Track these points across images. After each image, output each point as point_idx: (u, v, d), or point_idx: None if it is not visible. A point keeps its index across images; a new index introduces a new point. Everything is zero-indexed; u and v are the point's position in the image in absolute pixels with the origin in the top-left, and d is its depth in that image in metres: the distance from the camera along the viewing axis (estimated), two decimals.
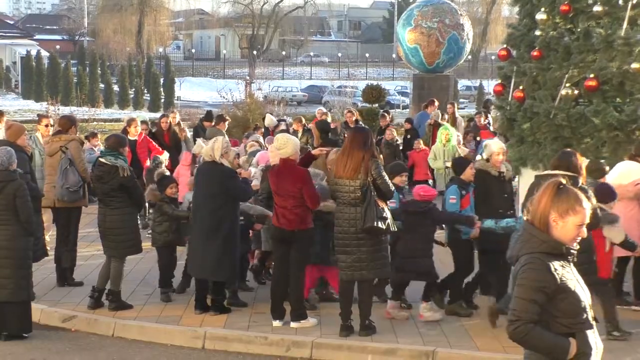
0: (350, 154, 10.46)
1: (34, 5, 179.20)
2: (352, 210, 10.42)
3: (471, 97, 72.27)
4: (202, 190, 11.44)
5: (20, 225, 10.64)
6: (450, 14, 31.48)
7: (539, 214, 5.41)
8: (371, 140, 10.63)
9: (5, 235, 10.67)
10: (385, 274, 10.85)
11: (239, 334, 10.77)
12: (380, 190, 10.41)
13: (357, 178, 10.35)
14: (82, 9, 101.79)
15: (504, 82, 17.47)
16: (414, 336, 10.58)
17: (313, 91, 74.86)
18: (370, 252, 10.44)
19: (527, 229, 5.44)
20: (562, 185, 5.51)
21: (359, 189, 10.34)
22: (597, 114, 15.04)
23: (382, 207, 10.41)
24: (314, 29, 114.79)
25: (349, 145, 10.61)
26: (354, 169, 10.38)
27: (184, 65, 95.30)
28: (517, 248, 5.44)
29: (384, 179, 10.44)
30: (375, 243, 10.48)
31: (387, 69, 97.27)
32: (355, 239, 10.43)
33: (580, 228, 5.45)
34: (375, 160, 10.49)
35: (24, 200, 10.64)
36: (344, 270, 10.62)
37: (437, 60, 31.06)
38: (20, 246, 10.71)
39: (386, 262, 10.67)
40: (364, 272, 10.49)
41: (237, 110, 34.53)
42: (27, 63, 75.15)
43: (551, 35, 16.04)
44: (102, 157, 11.87)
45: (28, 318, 10.90)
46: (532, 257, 5.33)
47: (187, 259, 11.95)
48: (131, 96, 67.69)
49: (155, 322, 11.25)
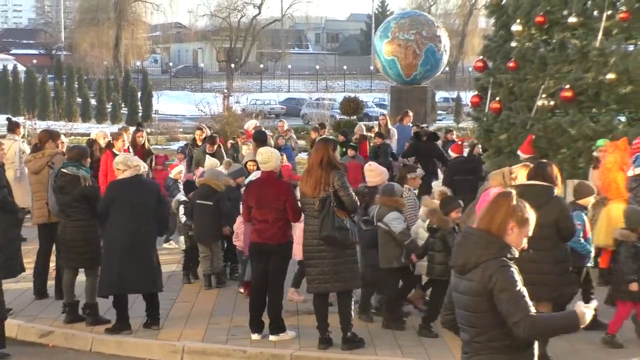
0: (310, 172, 10.54)
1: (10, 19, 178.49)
2: (314, 222, 10.45)
3: (449, 108, 72.35)
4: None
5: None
6: (427, 26, 31.59)
7: (497, 222, 5.61)
8: (328, 154, 10.54)
9: None
10: (350, 286, 10.74)
11: (218, 348, 10.74)
12: (341, 202, 10.41)
13: (319, 195, 10.38)
14: (59, 23, 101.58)
15: (480, 93, 17.56)
16: (392, 348, 10.58)
17: (291, 104, 74.79)
18: (333, 265, 10.41)
19: (483, 236, 5.60)
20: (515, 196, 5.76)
21: (319, 200, 10.37)
22: (573, 124, 15.14)
23: (342, 218, 10.38)
24: (291, 41, 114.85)
25: (309, 163, 10.74)
26: (312, 186, 10.44)
27: (162, 78, 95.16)
28: (476, 255, 5.54)
29: (347, 191, 10.42)
30: (339, 255, 10.44)
31: (365, 81, 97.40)
32: (318, 250, 10.45)
33: (526, 236, 5.71)
34: (337, 171, 10.49)
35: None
36: (310, 283, 10.66)
37: (414, 72, 31.16)
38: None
39: (352, 274, 10.59)
40: (328, 285, 10.48)
41: (215, 124, 34.51)
42: (4, 78, 74.73)
43: (527, 46, 16.16)
44: (64, 168, 11.85)
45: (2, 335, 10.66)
46: (501, 261, 5.51)
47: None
48: (109, 110, 67.43)
49: (133, 337, 11.20)
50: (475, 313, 5.54)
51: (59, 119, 51.05)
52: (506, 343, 5.53)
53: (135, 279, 11.09)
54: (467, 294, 5.56)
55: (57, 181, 11.89)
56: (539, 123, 15.57)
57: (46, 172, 12.92)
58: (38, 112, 58.66)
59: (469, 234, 5.71)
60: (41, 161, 13.18)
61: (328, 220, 10.27)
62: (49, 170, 12.96)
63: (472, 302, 5.54)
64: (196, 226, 13.81)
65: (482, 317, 5.52)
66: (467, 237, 5.68)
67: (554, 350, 10.11)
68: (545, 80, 15.89)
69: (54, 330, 11.50)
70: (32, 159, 13.42)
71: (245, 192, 11.40)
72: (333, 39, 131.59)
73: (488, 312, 5.50)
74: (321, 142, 10.98)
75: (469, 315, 5.57)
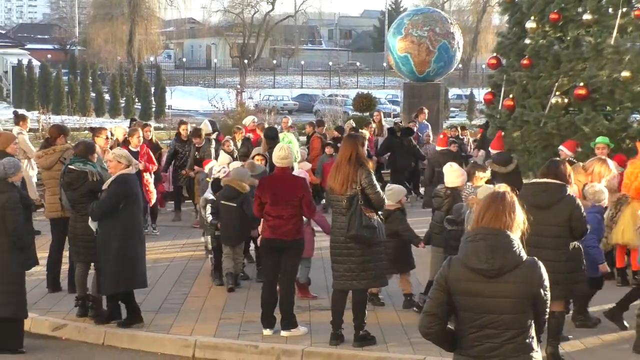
0: (339, 168, 10.47)
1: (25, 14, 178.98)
2: (342, 219, 10.41)
3: (462, 105, 72.27)
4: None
5: (8, 238, 10.47)
6: (440, 22, 31.50)
7: (510, 221, 5.61)
8: (357, 150, 10.49)
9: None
10: (377, 284, 10.82)
11: (229, 343, 10.76)
12: (369, 199, 10.41)
13: (346, 192, 10.36)
14: (73, 18, 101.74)
15: (494, 90, 17.54)
16: (404, 345, 10.57)
17: (304, 100, 74.78)
18: (360, 262, 10.39)
19: (509, 236, 5.57)
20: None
21: (346, 198, 10.35)
22: (587, 122, 15.11)
23: (369, 216, 10.37)
24: (304, 37, 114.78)
25: (337, 159, 10.65)
26: (340, 183, 10.39)
27: (175, 74, 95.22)
28: (513, 256, 5.52)
29: (374, 189, 10.38)
30: (366, 253, 10.42)
31: (378, 77, 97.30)
32: (345, 248, 10.41)
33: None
34: (365, 169, 10.44)
35: (12, 213, 10.44)
36: (336, 279, 10.61)
37: (427, 69, 31.06)
38: (6, 261, 10.51)
39: (379, 272, 10.58)
40: (354, 282, 10.46)
41: (227, 119, 34.54)
42: (19, 72, 74.97)
43: (541, 43, 16.12)
44: (71, 164, 11.86)
45: (13, 336, 10.66)
46: (536, 260, 5.58)
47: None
48: (122, 105, 67.49)
49: (145, 331, 11.22)
50: (516, 314, 5.51)
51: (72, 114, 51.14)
52: (534, 339, 5.59)
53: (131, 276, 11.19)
54: (505, 297, 5.50)
55: (64, 177, 11.90)
56: (552, 121, 15.54)
57: (59, 168, 12.92)
58: (52, 106, 59.04)
59: (495, 234, 5.57)
60: (53, 157, 13.19)
61: (355, 219, 10.24)
62: (61, 165, 12.97)
63: (515, 303, 5.50)
64: (222, 227, 13.47)
65: (523, 318, 5.53)
66: (497, 238, 5.56)
67: (566, 348, 10.10)
68: (559, 78, 15.86)
69: (67, 323, 11.54)
70: (43, 154, 13.41)
71: (259, 188, 11.36)
72: (346, 35, 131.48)
73: (528, 311, 5.53)
74: (350, 138, 10.96)
75: (508, 318, 5.51)
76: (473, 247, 5.60)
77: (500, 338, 5.52)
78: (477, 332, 5.59)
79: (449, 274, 5.67)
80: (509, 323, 5.51)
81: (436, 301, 5.67)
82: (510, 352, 5.52)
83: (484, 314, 5.55)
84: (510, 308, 5.50)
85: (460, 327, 5.68)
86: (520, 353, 5.52)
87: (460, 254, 5.68)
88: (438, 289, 5.68)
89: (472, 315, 5.59)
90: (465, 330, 5.64)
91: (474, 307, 5.58)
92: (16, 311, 10.63)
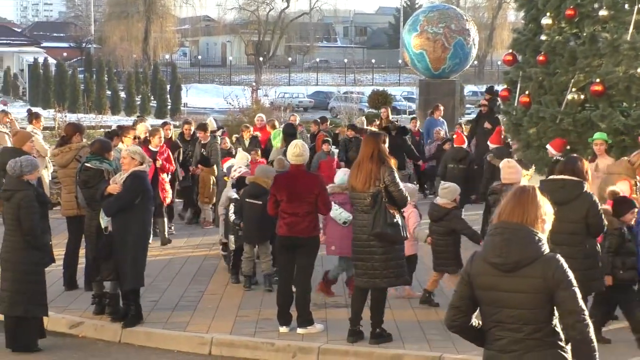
0: (361, 166, 10.44)
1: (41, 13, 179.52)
2: (364, 217, 10.39)
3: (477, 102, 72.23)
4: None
5: (23, 237, 10.45)
6: (456, 19, 31.45)
7: (532, 216, 5.58)
8: (379, 147, 10.46)
9: (7, 246, 10.58)
10: (399, 282, 10.79)
11: (246, 340, 10.78)
12: (392, 197, 10.40)
13: (369, 190, 10.34)
14: (88, 16, 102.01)
15: (509, 87, 17.49)
16: (420, 342, 10.56)
17: (319, 97, 74.88)
18: (382, 260, 10.38)
19: (528, 230, 5.54)
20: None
21: (370, 195, 10.34)
22: (604, 118, 15.03)
23: (393, 214, 10.36)
24: (320, 35, 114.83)
25: (359, 157, 10.62)
26: (363, 181, 10.37)
27: (191, 71, 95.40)
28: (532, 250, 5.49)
29: (397, 186, 10.36)
30: (388, 251, 10.41)
31: (393, 74, 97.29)
32: (368, 246, 10.40)
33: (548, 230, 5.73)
34: (387, 167, 10.42)
35: (28, 212, 10.41)
36: (359, 277, 10.59)
37: (443, 65, 31.02)
38: (20, 259, 10.49)
39: (401, 270, 10.59)
40: (377, 280, 10.43)
41: (243, 117, 34.57)
42: (35, 70, 75.31)
43: (557, 40, 16.05)
44: (88, 162, 11.88)
45: (28, 334, 10.65)
46: (556, 255, 5.55)
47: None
48: (138, 103, 67.70)
49: (161, 328, 11.25)
50: (534, 309, 5.48)
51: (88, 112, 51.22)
52: (560, 337, 5.54)
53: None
54: (522, 291, 5.48)
55: (80, 175, 11.92)
56: (568, 117, 15.47)
57: (74, 166, 12.95)
58: (68, 104, 59.14)
59: (513, 229, 5.55)
60: (69, 154, 13.22)
61: (380, 217, 10.23)
62: (76, 163, 12.99)
63: (530, 298, 5.48)
64: (244, 225, 13.22)
65: (541, 313, 5.49)
66: (514, 232, 5.54)
67: None
68: (575, 74, 15.79)
69: (83, 321, 11.58)
70: (59, 152, 13.43)
71: (274, 185, 11.35)
72: (361, 32, 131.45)
73: (547, 307, 5.49)
74: (371, 135, 10.96)
75: (524, 313, 5.48)
76: (491, 241, 5.61)
77: (520, 333, 5.50)
78: (497, 326, 5.59)
79: (471, 268, 5.69)
80: (527, 318, 5.48)
81: (460, 294, 5.72)
82: (531, 348, 5.49)
83: (502, 308, 5.54)
84: (527, 303, 5.48)
85: (484, 322, 5.70)
86: (542, 349, 5.49)
87: (482, 248, 5.69)
88: (462, 282, 5.73)
89: (491, 309, 5.60)
90: (487, 324, 5.66)
91: (492, 301, 5.58)
92: (27, 310, 10.55)
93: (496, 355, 5.62)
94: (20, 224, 10.43)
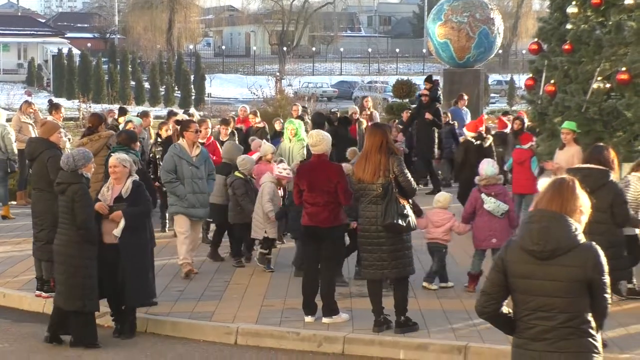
0: (369, 158, 10.43)
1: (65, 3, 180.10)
2: (373, 208, 10.39)
3: (502, 91, 72.01)
4: None
5: (77, 231, 10.35)
6: (480, 8, 31.33)
7: (570, 205, 5.59)
8: (387, 138, 10.48)
9: (61, 239, 10.47)
10: (407, 272, 10.70)
11: (271, 330, 10.80)
12: (401, 187, 10.39)
13: (378, 181, 10.34)
14: (112, 6, 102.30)
15: (535, 76, 17.45)
16: (445, 331, 10.57)
17: (343, 87, 74.86)
18: (391, 251, 10.40)
19: (565, 219, 5.55)
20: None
21: (380, 186, 10.33)
22: (629, 107, 14.98)
23: (403, 204, 10.38)
24: (343, 24, 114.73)
25: (366, 148, 10.60)
26: (372, 172, 10.37)
27: (214, 62, 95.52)
28: (569, 238, 5.51)
29: (406, 176, 10.39)
30: (397, 242, 10.43)
31: (418, 64, 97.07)
32: (377, 237, 10.40)
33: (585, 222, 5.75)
34: (396, 157, 10.44)
35: (81, 205, 10.32)
36: (367, 269, 10.62)
37: (467, 54, 30.93)
38: (74, 253, 10.38)
39: (409, 260, 10.59)
40: (385, 271, 10.46)
41: (267, 107, 34.61)
42: (59, 61, 75.69)
43: (582, 28, 15.99)
44: (114, 152, 11.88)
45: (84, 329, 10.51)
46: (594, 245, 5.56)
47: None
48: (162, 93, 67.95)
49: (187, 318, 11.29)
50: (569, 298, 5.49)
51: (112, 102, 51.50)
52: (592, 325, 5.56)
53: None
54: (559, 279, 5.48)
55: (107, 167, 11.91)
56: (594, 106, 15.42)
57: (104, 154, 12.98)
58: (92, 95, 59.41)
59: (550, 217, 5.55)
60: (99, 143, 13.28)
61: (391, 207, 10.24)
62: (107, 151, 13.03)
63: (567, 286, 5.48)
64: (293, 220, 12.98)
65: (575, 302, 5.51)
66: (552, 220, 5.54)
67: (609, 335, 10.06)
68: (600, 63, 15.72)
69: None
70: (88, 141, 13.49)
71: (297, 175, 11.37)
72: (385, 21, 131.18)
73: (584, 295, 5.51)
74: (377, 126, 10.93)
75: (560, 301, 5.49)
76: (528, 228, 5.61)
77: (553, 321, 5.51)
78: (530, 314, 5.59)
79: (506, 255, 5.70)
80: (562, 307, 5.50)
81: (492, 281, 5.73)
82: (564, 336, 5.50)
83: (536, 297, 5.55)
84: (563, 291, 5.49)
85: (516, 310, 5.69)
86: (574, 337, 5.50)
87: (518, 236, 5.69)
88: (495, 269, 5.73)
89: (525, 297, 5.60)
90: (520, 312, 5.66)
91: (526, 289, 5.58)
92: (85, 305, 10.44)
93: (527, 343, 5.61)
94: (75, 217, 10.34)
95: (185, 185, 13.07)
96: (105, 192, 10.79)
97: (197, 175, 13.18)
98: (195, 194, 13.13)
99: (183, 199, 13.01)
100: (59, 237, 10.58)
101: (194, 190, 13.12)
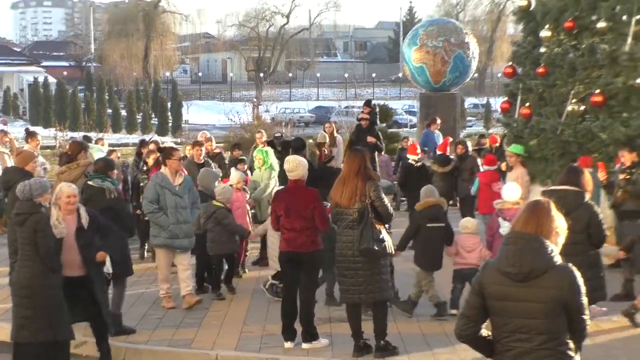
0: (346, 182, 10.45)
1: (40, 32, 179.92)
2: (350, 233, 10.40)
3: (479, 114, 72.33)
4: None
5: (41, 261, 10.10)
6: (455, 32, 31.48)
7: (546, 227, 5.61)
8: (365, 163, 10.50)
9: (25, 272, 10.12)
10: (384, 297, 10.65)
11: (251, 356, 10.78)
12: (378, 212, 10.42)
13: (354, 205, 10.36)
14: (88, 35, 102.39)
15: (510, 99, 17.56)
16: (426, 355, 10.57)
17: (320, 112, 74.91)
18: (367, 276, 10.38)
19: (541, 240, 5.57)
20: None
21: (357, 211, 10.36)
22: (604, 129, 15.10)
23: (379, 229, 10.40)
24: (320, 50, 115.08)
25: (344, 172, 10.62)
26: (349, 197, 10.39)
27: (191, 88, 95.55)
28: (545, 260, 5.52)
29: (383, 202, 10.41)
30: (374, 266, 10.42)
31: (394, 88, 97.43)
32: (353, 262, 10.40)
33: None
34: (373, 182, 10.47)
35: (44, 234, 10.07)
36: (344, 293, 10.63)
37: (443, 78, 31.05)
38: (40, 283, 10.07)
39: (385, 285, 10.56)
40: (362, 295, 10.45)
41: (244, 133, 34.65)
42: (35, 90, 75.43)
43: (556, 51, 16.13)
44: (90, 180, 11.86)
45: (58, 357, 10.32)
46: (569, 266, 5.58)
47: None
48: (139, 121, 67.79)
49: (166, 346, 11.24)
50: (547, 319, 5.51)
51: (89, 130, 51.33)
52: (570, 347, 5.59)
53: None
54: (536, 301, 5.50)
55: (83, 194, 11.82)
56: (569, 128, 15.53)
57: (82, 181, 12.95)
58: (69, 123, 59.30)
59: (526, 239, 5.58)
60: (77, 171, 13.22)
61: (367, 233, 10.26)
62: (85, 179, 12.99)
63: (544, 308, 5.50)
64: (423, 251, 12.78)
65: (553, 323, 5.52)
66: (528, 242, 5.57)
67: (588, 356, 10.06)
68: (575, 86, 15.85)
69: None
70: (66, 169, 13.41)
71: (274, 201, 11.38)
72: (361, 47, 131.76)
73: (561, 316, 5.53)
74: (356, 152, 10.94)
75: (538, 323, 5.51)
76: (505, 250, 5.65)
77: (531, 343, 5.53)
78: (509, 337, 5.60)
79: (483, 277, 5.73)
80: (540, 328, 5.51)
81: (470, 304, 5.75)
82: (542, 358, 5.52)
83: (514, 318, 5.57)
84: (540, 313, 5.50)
85: (495, 332, 5.71)
86: (553, 359, 5.53)
87: (495, 258, 5.72)
88: (473, 292, 5.76)
89: (503, 319, 5.62)
90: (498, 334, 5.67)
91: (504, 311, 5.60)
92: (57, 334, 10.19)
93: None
94: (38, 247, 10.08)
95: (169, 215, 12.80)
96: (59, 225, 10.26)
97: (180, 204, 12.88)
98: (179, 224, 12.84)
99: (166, 229, 12.88)
100: (21, 270, 10.17)
101: (178, 220, 12.83)
